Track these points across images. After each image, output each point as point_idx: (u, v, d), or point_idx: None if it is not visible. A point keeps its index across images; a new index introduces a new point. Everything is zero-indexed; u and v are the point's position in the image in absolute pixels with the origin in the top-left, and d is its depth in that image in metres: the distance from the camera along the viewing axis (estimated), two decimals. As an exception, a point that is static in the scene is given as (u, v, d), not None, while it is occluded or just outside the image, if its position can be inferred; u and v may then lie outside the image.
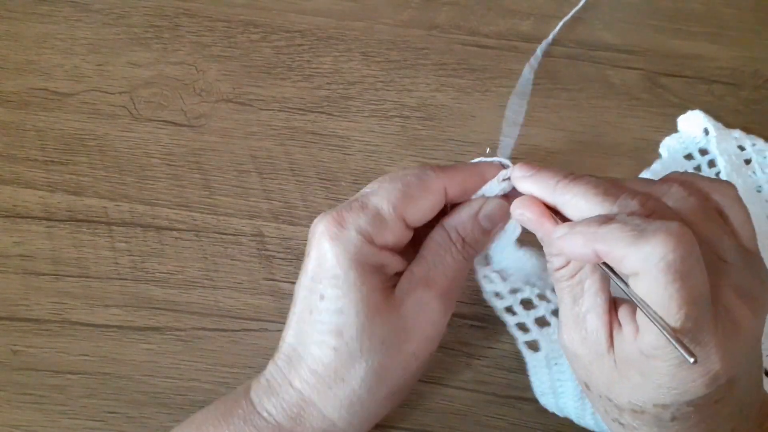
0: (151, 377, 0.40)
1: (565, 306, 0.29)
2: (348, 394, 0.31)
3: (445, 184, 0.32)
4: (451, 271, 0.32)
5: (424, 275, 0.32)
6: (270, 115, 0.47)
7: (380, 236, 0.31)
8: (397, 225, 0.31)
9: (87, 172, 0.45)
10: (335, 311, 0.30)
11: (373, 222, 0.31)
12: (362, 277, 0.30)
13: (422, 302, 0.31)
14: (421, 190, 0.32)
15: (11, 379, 0.39)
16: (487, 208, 0.33)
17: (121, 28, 0.49)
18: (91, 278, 0.42)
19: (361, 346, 0.30)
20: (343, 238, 0.30)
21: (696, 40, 0.50)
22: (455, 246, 0.33)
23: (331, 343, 0.30)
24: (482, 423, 0.39)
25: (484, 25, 0.50)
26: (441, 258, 0.32)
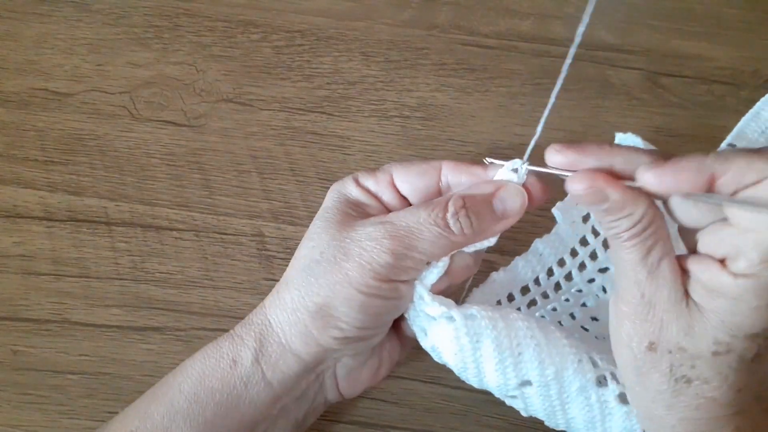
0: (151, 377, 0.39)
1: (632, 266, 0.29)
2: (284, 295, 0.33)
3: (444, 163, 0.34)
4: (417, 224, 0.32)
5: (391, 217, 0.33)
6: (270, 115, 0.47)
7: (364, 178, 0.35)
8: (383, 176, 0.35)
9: (87, 172, 0.45)
10: (308, 233, 0.34)
11: (366, 171, 0.35)
12: (335, 201, 0.34)
13: (371, 235, 0.32)
14: (418, 161, 0.35)
15: (11, 379, 0.39)
16: (504, 190, 0.33)
17: (121, 28, 0.49)
18: (91, 278, 0.42)
19: (306, 254, 0.33)
20: (340, 182, 0.35)
21: (696, 40, 0.50)
22: (445, 209, 0.32)
23: (296, 254, 0.34)
24: (482, 423, 0.39)
25: (484, 25, 0.50)
26: (417, 211, 0.32)
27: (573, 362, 0.33)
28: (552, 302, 0.41)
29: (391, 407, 0.39)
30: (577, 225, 0.40)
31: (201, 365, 0.33)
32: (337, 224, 0.33)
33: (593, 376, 0.32)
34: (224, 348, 0.33)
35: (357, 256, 0.32)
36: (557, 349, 0.33)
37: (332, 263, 0.32)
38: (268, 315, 0.34)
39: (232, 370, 0.33)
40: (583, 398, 0.33)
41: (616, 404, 0.32)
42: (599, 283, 0.41)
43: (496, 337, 0.33)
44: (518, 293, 0.40)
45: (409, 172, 0.34)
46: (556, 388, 0.33)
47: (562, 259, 0.40)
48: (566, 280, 0.41)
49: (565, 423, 0.34)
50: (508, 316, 0.33)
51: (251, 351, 0.33)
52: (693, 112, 0.47)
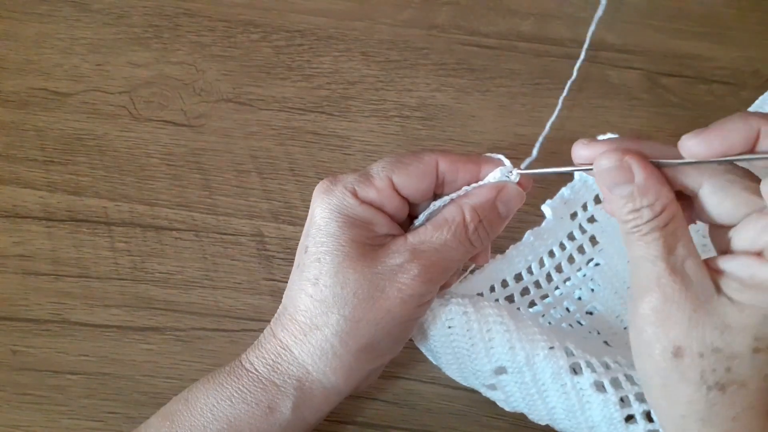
0: (151, 377, 0.39)
1: (650, 264, 0.27)
2: (321, 341, 0.31)
3: (437, 159, 0.33)
4: (446, 249, 0.32)
5: (416, 245, 0.32)
6: (270, 115, 0.47)
7: (364, 191, 0.32)
8: (383, 183, 0.32)
9: (87, 172, 0.45)
10: (314, 260, 0.32)
11: (359, 178, 0.32)
12: (342, 227, 0.31)
13: (403, 268, 0.31)
14: (412, 158, 0.33)
15: (11, 379, 0.39)
16: (505, 193, 0.33)
17: (120, 27, 0.49)
18: (91, 278, 0.42)
19: (333, 294, 0.31)
20: (331, 192, 0.32)
21: (696, 40, 0.50)
22: (466, 227, 0.32)
23: (308, 290, 0.32)
24: (482, 423, 0.39)
25: (484, 24, 0.50)
26: (441, 233, 0.32)
27: (543, 348, 0.33)
28: (545, 292, 0.41)
29: (391, 407, 0.39)
30: (565, 221, 0.40)
31: (230, 409, 0.32)
32: (359, 257, 0.31)
33: (566, 363, 0.33)
34: (256, 394, 0.32)
35: (397, 291, 0.31)
36: (527, 336, 0.33)
37: (370, 302, 0.31)
38: (303, 362, 0.32)
39: (267, 417, 0.32)
40: (559, 386, 0.33)
41: (593, 392, 0.33)
42: (591, 276, 0.42)
43: (466, 322, 0.33)
44: (512, 280, 0.41)
45: (411, 176, 0.33)
46: (530, 374, 0.33)
47: (552, 250, 0.41)
48: (557, 271, 0.41)
49: (548, 414, 0.34)
50: (477, 303, 0.34)
51: (291, 399, 0.32)
52: (693, 112, 0.47)
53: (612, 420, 0.32)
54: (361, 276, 0.31)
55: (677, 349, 0.27)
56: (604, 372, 0.33)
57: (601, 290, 0.42)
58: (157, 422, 0.33)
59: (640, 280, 0.28)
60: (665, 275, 0.27)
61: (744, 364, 0.26)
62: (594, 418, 0.33)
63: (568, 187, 0.40)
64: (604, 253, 0.42)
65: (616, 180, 0.28)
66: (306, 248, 0.32)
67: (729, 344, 0.26)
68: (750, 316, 0.26)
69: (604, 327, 0.41)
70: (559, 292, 0.41)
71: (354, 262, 0.31)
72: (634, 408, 0.32)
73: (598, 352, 0.34)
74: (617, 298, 0.42)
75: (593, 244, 0.42)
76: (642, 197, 0.27)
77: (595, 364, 0.33)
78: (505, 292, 0.40)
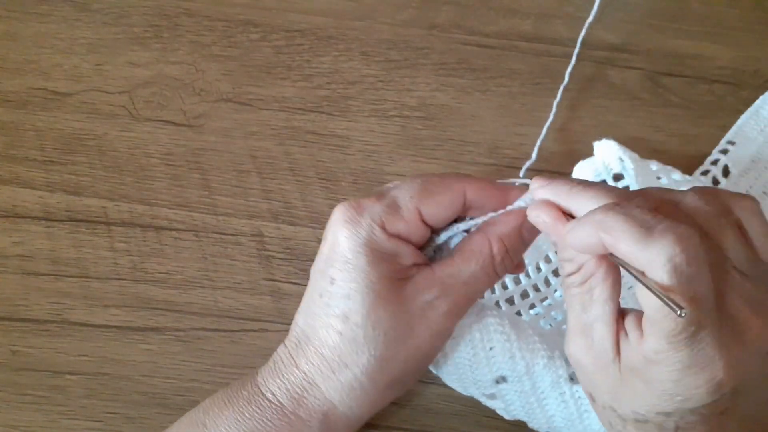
0: (151, 378, 0.39)
1: (573, 314, 0.28)
2: (350, 379, 0.31)
3: (465, 187, 0.32)
4: (474, 282, 0.32)
5: (444, 279, 0.31)
6: (270, 114, 0.47)
7: (393, 223, 0.31)
8: (411, 215, 0.31)
9: (86, 172, 0.45)
10: (343, 296, 0.31)
11: (387, 209, 0.31)
12: (372, 263, 0.30)
13: (433, 305, 0.31)
14: (440, 186, 0.32)
15: (11, 380, 0.39)
16: (529, 221, 0.32)
17: (120, 27, 0.49)
18: (91, 278, 0.42)
19: (365, 334, 0.30)
20: (357, 223, 0.31)
21: (696, 40, 0.50)
22: (494, 258, 0.32)
23: (337, 327, 0.31)
24: (482, 423, 0.39)
25: (484, 24, 0.50)
26: (469, 266, 0.32)
27: (543, 357, 0.33)
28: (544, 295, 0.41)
29: (391, 407, 0.39)
30: None
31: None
32: (389, 294, 0.31)
33: (565, 372, 0.33)
34: (281, 428, 0.31)
35: (426, 329, 0.31)
36: (527, 345, 0.33)
37: (401, 341, 0.31)
38: (330, 397, 0.31)
39: None
40: (558, 394, 0.33)
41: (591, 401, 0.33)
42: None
43: (468, 332, 0.34)
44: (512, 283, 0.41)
45: (439, 206, 0.32)
46: (529, 383, 0.33)
47: (548, 255, 0.41)
48: (554, 275, 0.41)
49: (547, 423, 0.35)
50: (480, 312, 0.34)
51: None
52: (693, 112, 0.47)
53: None
54: (392, 316, 0.31)
55: (589, 394, 0.30)
56: None
57: None
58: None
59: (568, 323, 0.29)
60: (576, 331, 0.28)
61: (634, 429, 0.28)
62: (593, 427, 0.33)
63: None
64: None
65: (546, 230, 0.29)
66: (332, 280, 0.31)
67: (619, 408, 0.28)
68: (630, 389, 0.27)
69: None
70: (559, 294, 0.41)
71: (384, 301, 0.31)
72: None
73: None
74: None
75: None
76: (561, 251, 0.28)
77: None
78: (505, 294, 0.40)
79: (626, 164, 0.37)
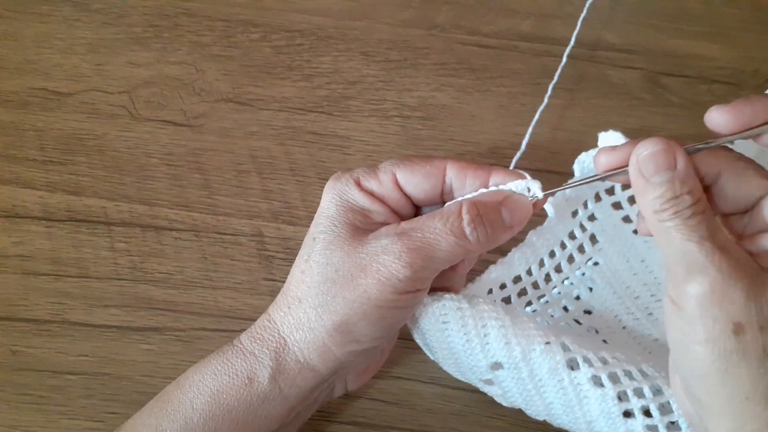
0: (151, 377, 0.39)
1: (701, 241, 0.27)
2: (300, 314, 0.33)
3: (446, 164, 0.34)
4: (434, 234, 0.31)
5: (406, 229, 0.32)
6: (270, 115, 0.47)
7: (366, 180, 0.34)
8: (386, 177, 0.33)
9: (86, 172, 0.45)
10: (311, 239, 0.33)
11: (365, 170, 0.34)
12: (340, 211, 0.33)
13: (387, 249, 0.31)
14: (421, 159, 0.34)
15: (11, 380, 0.39)
16: (511, 201, 0.33)
17: (120, 27, 0.49)
18: (91, 278, 0.42)
19: (319, 271, 0.32)
20: (338, 180, 0.34)
21: (696, 40, 0.50)
22: (461, 218, 0.32)
23: (301, 267, 0.33)
24: (482, 423, 0.39)
25: (484, 24, 0.50)
26: (432, 221, 0.32)
27: (540, 343, 0.33)
28: (542, 292, 0.41)
29: (391, 407, 0.39)
30: (566, 219, 0.40)
31: (213, 382, 0.33)
32: (349, 238, 0.32)
33: (563, 358, 0.33)
34: (237, 365, 0.33)
35: (375, 272, 0.31)
36: (523, 331, 0.33)
37: (349, 280, 0.32)
38: (282, 333, 0.33)
39: (248, 388, 0.32)
40: (556, 381, 0.33)
41: (591, 387, 0.32)
42: (589, 275, 0.42)
43: (461, 317, 0.33)
44: (510, 282, 0.41)
45: (414, 173, 0.33)
46: (526, 370, 0.33)
47: (553, 251, 0.41)
48: (556, 272, 0.41)
49: (545, 409, 0.34)
50: (472, 299, 0.34)
51: (268, 369, 0.32)
52: (693, 112, 0.47)
53: (610, 415, 0.32)
54: (346, 254, 0.32)
55: (737, 325, 0.26)
56: (602, 367, 0.33)
57: (600, 290, 0.42)
58: (151, 404, 0.34)
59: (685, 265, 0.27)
60: (716, 253, 0.27)
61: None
62: (592, 413, 0.33)
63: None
64: (603, 253, 0.42)
65: (660, 166, 0.28)
66: (314, 238, 0.33)
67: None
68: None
69: (602, 326, 0.41)
70: (557, 291, 0.41)
71: (343, 241, 0.32)
72: (632, 403, 0.32)
73: (596, 347, 0.34)
74: (616, 298, 0.42)
75: (593, 242, 0.42)
76: (683, 183, 0.28)
77: (592, 358, 0.33)
78: (502, 294, 0.40)
79: None
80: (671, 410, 0.32)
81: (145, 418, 0.34)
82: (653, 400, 0.32)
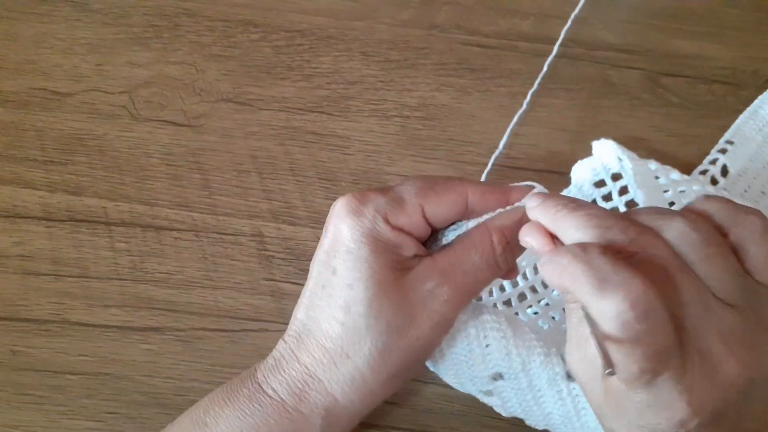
0: (151, 377, 0.39)
1: (571, 325, 0.28)
2: (352, 371, 0.31)
3: (467, 190, 0.33)
4: (475, 272, 0.32)
5: (445, 268, 0.32)
6: (270, 115, 0.47)
7: (396, 216, 0.31)
8: (415, 210, 0.32)
9: (86, 172, 0.45)
10: (345, 285, 0.31)
11: (391, 203, 0.31)
12: (374, 252, 0.30)
13: (434, 294, 0.31)
14: (443, 186, 0.32)
15: (11, 380, 0.39)
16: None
17: (120, 27, 0.49)
18: (91, 278, 0.42)
19: (367, 324, 0.30)
20: (361, 213, 0.31)
21: (696, 40, 0.50)
22: (494, 249, 0.32)
23: (339, 317, 0.31)
24: (482, 423, 0.39)
25: (484, 24, 0.50)
26: (469, 255, 0.32)
27: (540, 355, 0.33)
28: (542, 296, 0.41)
29: (391, 407, 0.39)
30: None
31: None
32: (390, 286, 0.31)
33: (562, 370, 0.33)
34: (283, 425, 0.31)
35: (428, 318, 0.31)
36: (524, 342, 0.33)
37: (402, 332, 0.31)
38: (331, 390, 0.31)
39: None
40: (555, 392, 0.33)
41: None
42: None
43: (464, 328, 0.33)
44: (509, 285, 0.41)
45: (441, 205, 0.32)
46: (526, 380, 0.33)
47: (534, 265, 0.41)
48: (543, 286, 0.41)
49: (544, 419, 0.35)
50: (475, 309, 0.34)
51: (318, 428, 0.31)
52: (693, 112, 0.47)
53: None
54: (394, 304, 0.31)
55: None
56: None
57: None
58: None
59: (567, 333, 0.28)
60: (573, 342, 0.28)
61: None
62: (590, 424, 0.33)
63: (564, 192, 0.40)
64: None
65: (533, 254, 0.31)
66: (334, 270, 0.31)
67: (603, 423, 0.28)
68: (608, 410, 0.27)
69: None
70: (556, 293, 0.41)
71: (386, 290, 0.30)
72: None
73: None
74: None
75: None
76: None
77: None
78: (503, 296, 0.40)
79: (624, 164, 0.37)
80: None
81: None
82: None
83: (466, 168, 0.45)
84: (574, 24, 0.49)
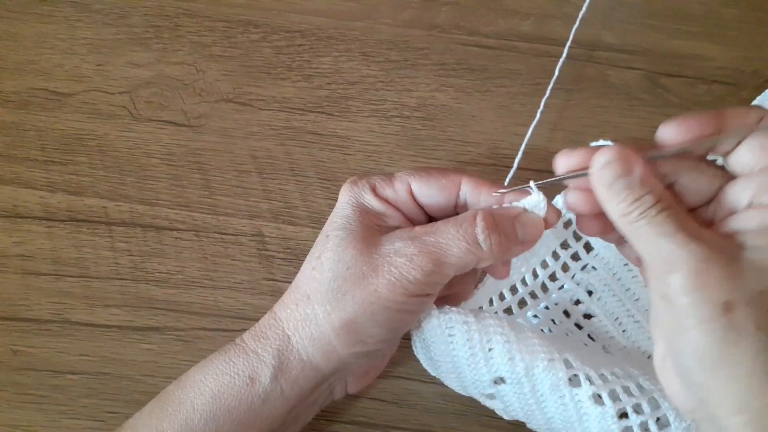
0: (151, 377, 0.40)
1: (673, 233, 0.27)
2: (308, 310, 0.33)
3: (461, 178, 0.34)
4: (448, 240, 0.32)
5: (419, 233, 0.32)
6: (270, 115, 0.47)
7: (382, 188, 0.34)
8: (401, 186, 0.34)
9: (87, 172, 0.45)
10: (324, 237, 0.33)
11: (382, 178, 0.34)
12: (356, 212, 0.33)
13: (400, 251, 0.32)
14: (436, 170, 0.34)
15: (11, 379, 0.39)
16: (526, 216, 0.33)
17: (121, 28, 0.49)
18: (91, 278, 0.42)
19: (330, 268, 0.32)
20: (354, 184, 0.34)
21: (696, 40, 0.50)
22: (475, 225, 0.32)
23: (312, 263, 0.33)
24: (482, 423, 0.39)
25: (484, 25, 0.50)
26: (446, 227, 0.32)
27: (543, 360, 0.33)
28: (541, 300, 0.41)
29: (391, 407, 0.39)
30: (558, 230, 0.41)
31: (214, 382, 0.33)
32: (362, 238, 0.32)
33: (565, 375, 0.33)
34: (239, 364, 0.33)
35: (387, 272, 0.31)
36: (527, 347, 0.33)
37: (361, 279, 0.32)
38: (287, 330, 0.33)
39: (249, 388, 0.32)
40: (557, 397, 0.33)
41: (591, 404, 0.32)
42: (587, 280, 0.42)
43: (467, 331, 0.33)
44: (508, 292, 0.41)
45: (430, 186, 0.34)
46: (528, 385, 0.33)
47: (545, 261, 0.41)
48: (551, 280, 0.41)
49: (546, 423, 0.35)
50: (479, 313, 0.34)
51: (270, 368, 0.33)
52: (693, 113, 0.47)
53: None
54: (359, 253, 0.32)
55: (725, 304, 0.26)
56: (602, 384, 0.33)
57: (599, 294, 0.42)
58: (152, 403, 0.34)
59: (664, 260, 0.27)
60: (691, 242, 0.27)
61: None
62: (591, 430, 0.33)
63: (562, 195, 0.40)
64: (599, 259, 0.42)
65: (618, 173, 0.28)
66: (327, 236, 0.33)
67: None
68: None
69: (601, 331, 0.41)
70: (556, 298, 0.41)
71: (357, 240, 0.32)
72: (631, 420, 0.32)
73: (596, 362, 0.34)
74: (615, 301, 0.42)
75: (588, 250, 0.42)
76: (641, 186, 0.28)
77: (593, 376, 0.33)
78: (503, 305, 0.40)
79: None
80: (668, 423, 0.33)
81: (146, 418, 0.34)
82: (651, 415, 0.32)
83: (465, 168, 0.45)
84: (574, 24, 0.49)
